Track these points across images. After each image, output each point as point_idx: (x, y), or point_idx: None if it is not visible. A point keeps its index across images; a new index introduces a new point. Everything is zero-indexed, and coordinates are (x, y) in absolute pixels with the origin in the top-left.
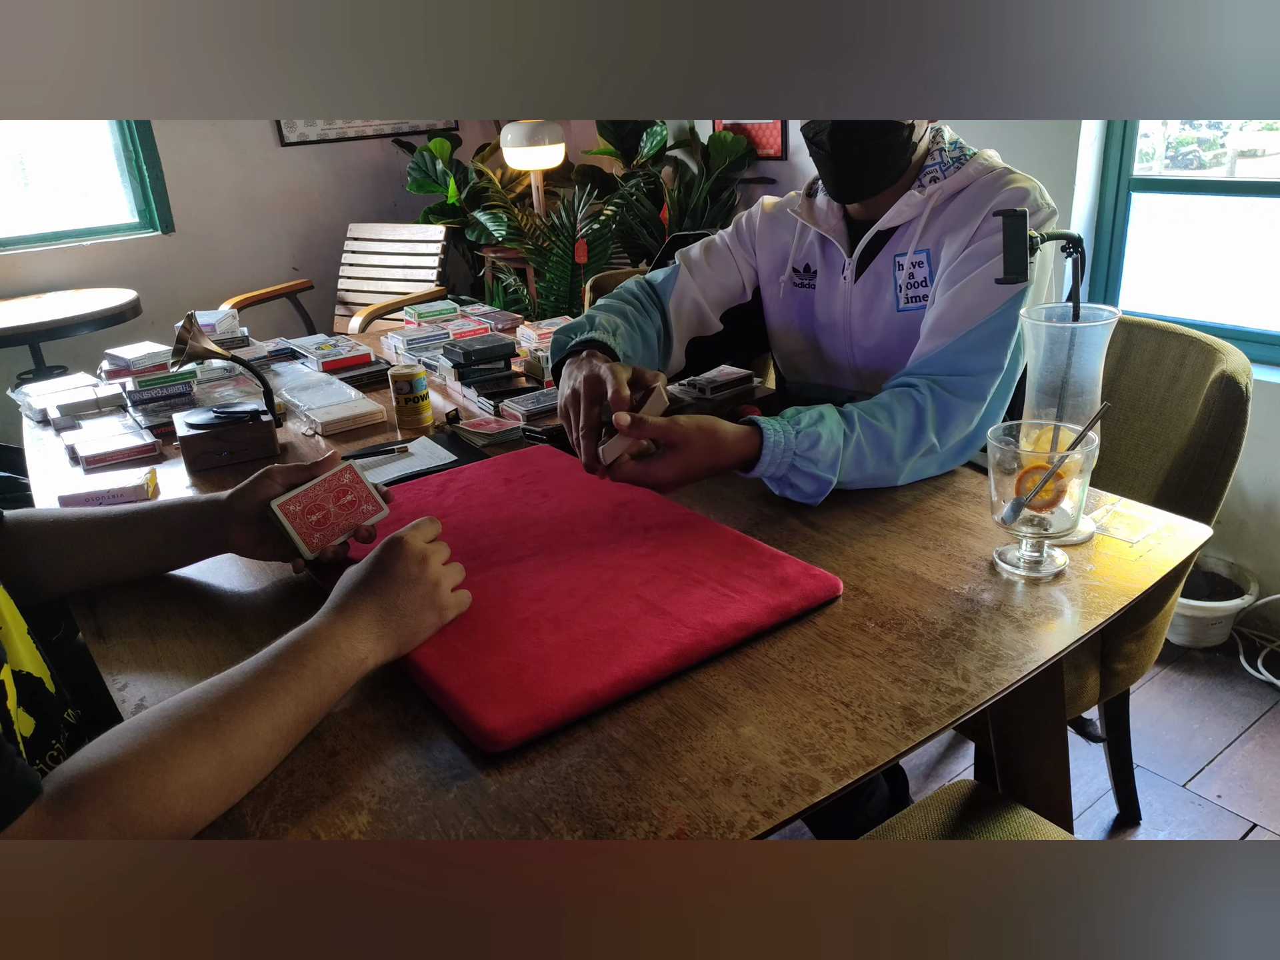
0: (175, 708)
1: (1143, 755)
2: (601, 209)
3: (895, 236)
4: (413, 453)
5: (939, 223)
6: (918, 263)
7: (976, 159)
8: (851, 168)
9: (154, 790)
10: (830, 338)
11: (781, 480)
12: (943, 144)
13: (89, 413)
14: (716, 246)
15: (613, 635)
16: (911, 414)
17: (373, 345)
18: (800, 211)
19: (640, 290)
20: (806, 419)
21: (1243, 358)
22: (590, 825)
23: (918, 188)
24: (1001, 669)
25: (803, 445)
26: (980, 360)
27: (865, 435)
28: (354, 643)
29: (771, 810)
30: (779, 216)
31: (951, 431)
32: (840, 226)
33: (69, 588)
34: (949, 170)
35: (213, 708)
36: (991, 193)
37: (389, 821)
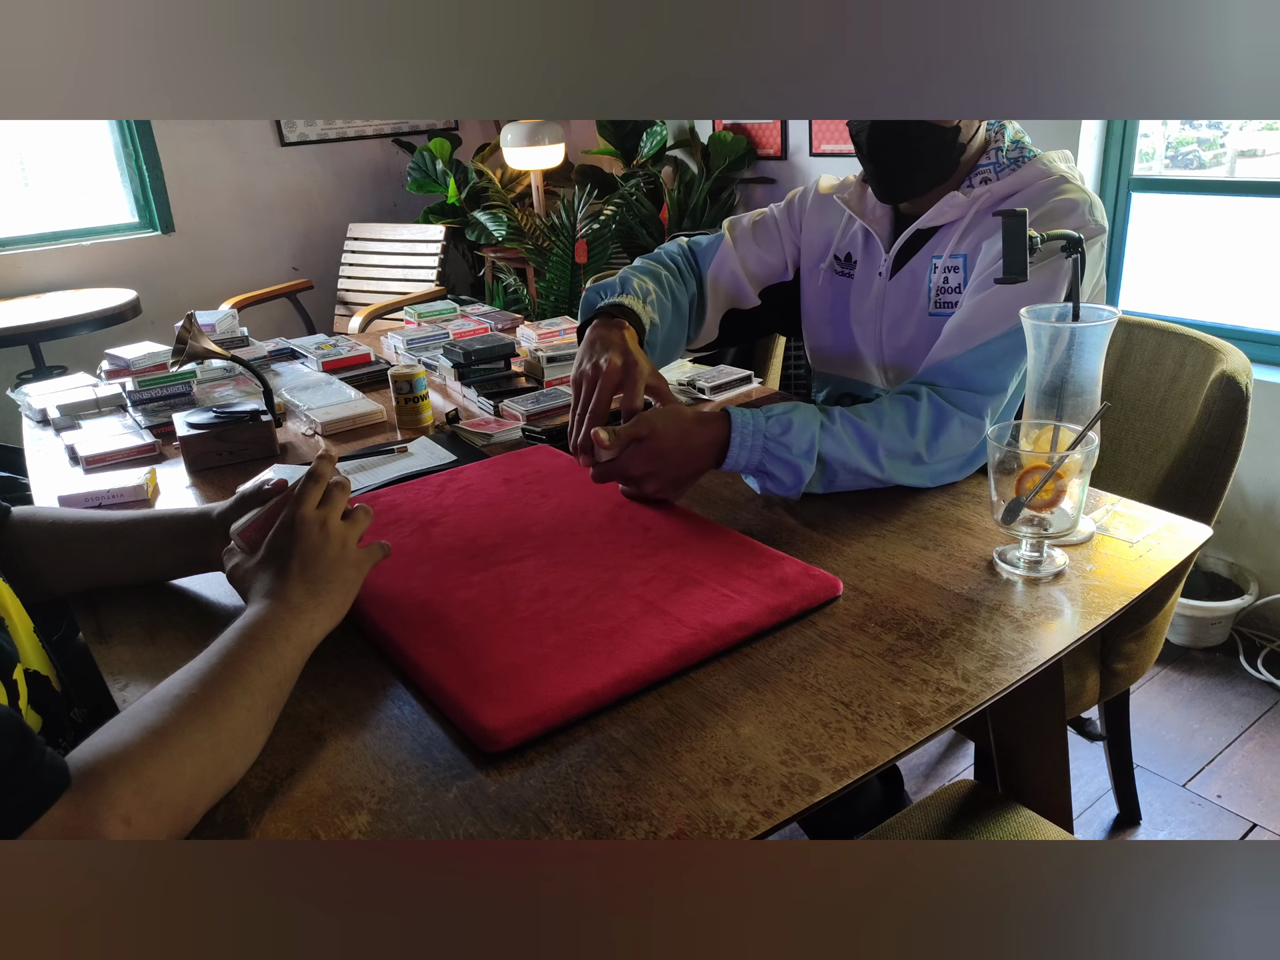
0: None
1: (1143, 755)
2: (601, 209)
3: (936, 237)
4: (412, 453)
5: (981, 227)
6: (953, 267)
7: (1035, 162)
8: (891, 169)
9: (163, 757)
10: (862, 332)
11: (758, 470)
12: (1003, 142)
13: (89, 413)
14: (766, 220)
15: (613, 635)
16: (901, 417)
17: (373, 345)
18: (849, 200)
19: (681, 254)
20: (779, 408)
21: (1243, 358)
22: (590, 825)
23: (965, 188)
24: (1001, 669)
25: (774, 430)
26: (987, 378)
27: (845, 429)
28: (297, 617)
29: (771, 810)
30: (829, 201)
31: (942, 444)
32: (885, 220)
33: (69, 588)
34: (1003, 172)
35: (192, 688)
36: (1040, 202)
37: (389, 821)
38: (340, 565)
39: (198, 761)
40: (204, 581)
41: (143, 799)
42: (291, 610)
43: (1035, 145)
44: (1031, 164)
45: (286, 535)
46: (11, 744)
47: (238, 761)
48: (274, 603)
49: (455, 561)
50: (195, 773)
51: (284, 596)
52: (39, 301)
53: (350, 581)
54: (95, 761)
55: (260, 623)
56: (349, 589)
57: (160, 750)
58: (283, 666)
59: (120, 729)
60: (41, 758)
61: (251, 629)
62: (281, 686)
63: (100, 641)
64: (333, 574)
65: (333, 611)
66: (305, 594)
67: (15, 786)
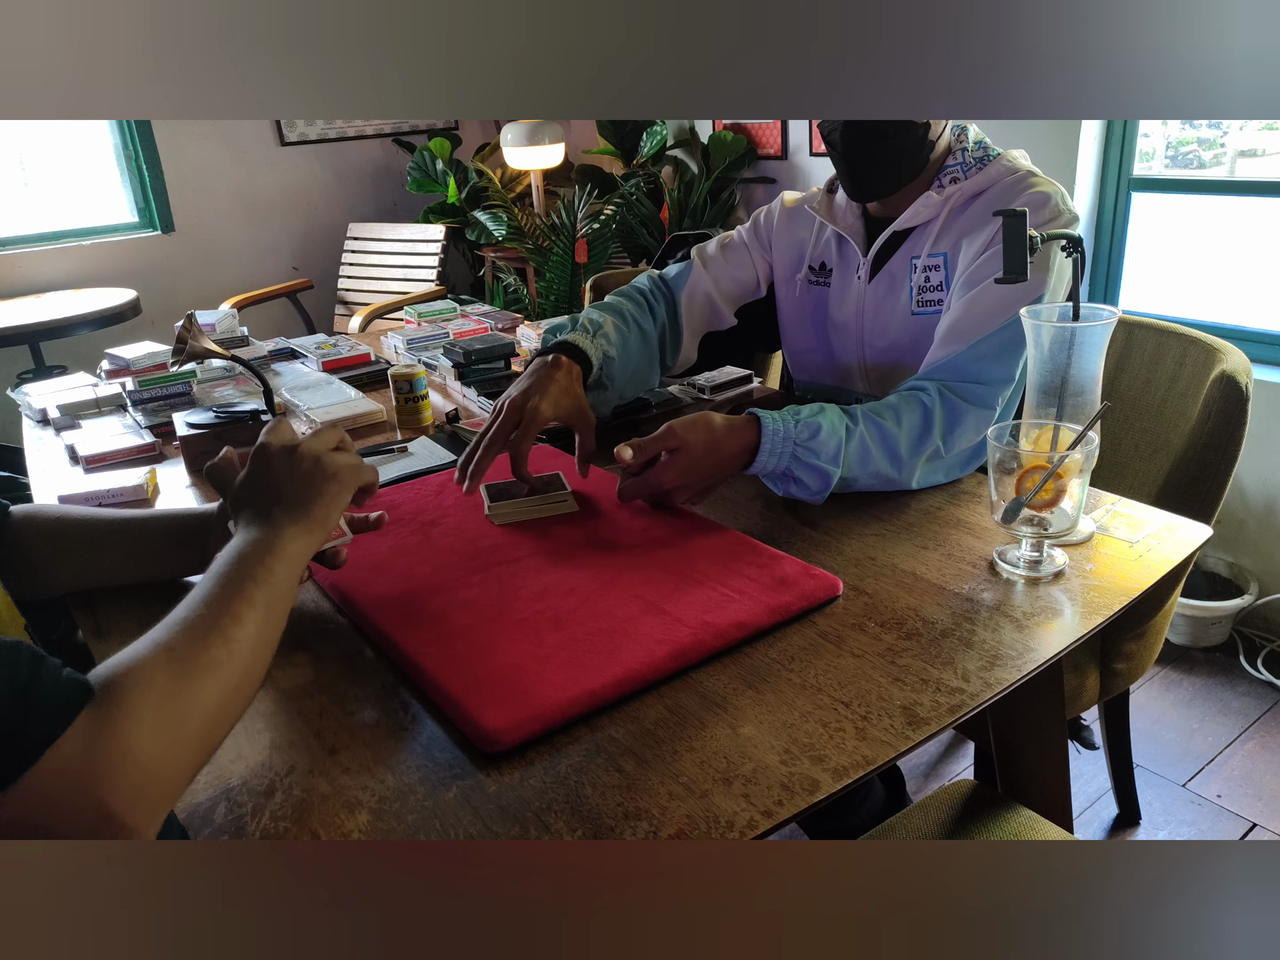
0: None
1: (1142, 755)
2: (601, 209)
3: (912, 237)
4: (413, 452)
5: (957, 225)
6: (933, 266)
7: (1000, 160)
8: (863, 167)
9: (178, 668)
10: (842, 337)
11: (784, 476)
12: (966, 143)
13: (89, 412)
14: (734, 242)
15: (612, 635)
16: (918, 415)
17: (373, 345)
18: (819, 208)
19: (651, 284)
20: (806, 411)
21: (1243, 358)
22: (590, 825)
23: (937, 188)
24: (1001, 669)
25: (803, 435)
26: (993, 369)
27: (870, 431)
28: (279, 533)
29: (771, 810)
30: (798, 213)
31: (958, 437)
32: (858, 225)
33: (67, 587)
34: (970, 171)
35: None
36: (1012, 196)
37: (389, 821)
38: (316, 481)
39: (216, 679)
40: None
41: (164, 712)
42: (272, 529)
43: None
44: (996, 162)
45: (255, 466)
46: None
47: (250, 682)
48: (253, 527)
49: (455, 561)
50: (216, 689)
51: (262, 521)
52: (39, 301)
53: (329, 495)
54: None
55: (246, 547)
56: (330, 502)
57: (178, 667)
58: (275, 581)
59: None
60: (59, 671)
61: (238, 553)
62: (279, 604)
63: (99, 640)
64: (309, 492)
65: (314, 525)
66: (285, 518)
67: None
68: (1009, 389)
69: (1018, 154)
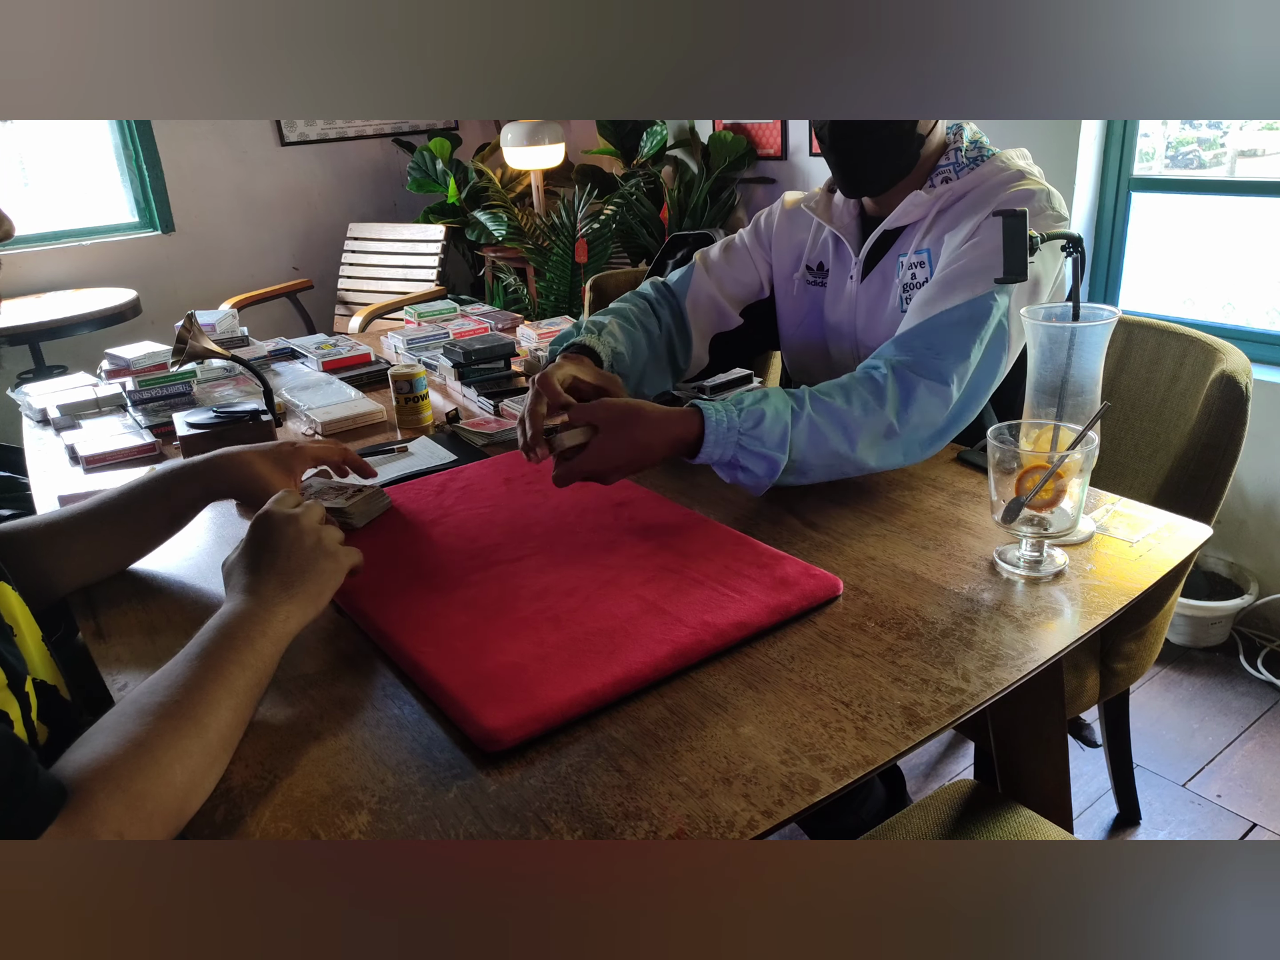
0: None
1: (1142, 755)
2: (601, 209)
3: (902, 237)
4: (413, 452)
5: (942, 223)
6: (919, 263)
7: (994, 160)
8: (853, 159)
9: (152, 768)
10: (837, 337)
11: (730, 464)
12: (961, 143)
13: (89, 412)
14: (736, 245)
15: (613, 635)
16: (868, 390)
17: (373, 345)
18: (816, 208)
19: (654, 290)
20: (750, 399)
21: (1243, 358)
22: (590, 825)
23: (928, 187)
24: (1001, 669)
25: (747, 424)
26: (945, 339)
27: (818, 412)
28: (272, 611)
29: (771, 810)
30: (797, 213)
31: (912, 412)
32: (853, 225)
33: (75, 584)
34: (963, 171)
35: (175, 694)
36: (998, 194)
37: (389, 821)
38: (315, 557)
39: (187, 767)
40: (203, 580)
41: (134, 812)
42: (265, 605)
43: (1027, 146)
44: (990, 162)
45: (258, 530)
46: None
47: (225, 759)
48: (248, 598)
49: (455, 561)
50: (185, 779)
51: (257, 591)
52: (39, 301)
53: (326, 573)
54: (82, 778)
55: (236, 620)
56: (325, 580)
57: (148, 762)
58: (261, 663)
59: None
60: (36, 776)
61: (228, 627)
62: (261, 682)
63: (99, 641)
64: (307, 566)
65: (307, 603)
66: (279, 587)
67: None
68: (965, 368)
69: (1017, 153)
